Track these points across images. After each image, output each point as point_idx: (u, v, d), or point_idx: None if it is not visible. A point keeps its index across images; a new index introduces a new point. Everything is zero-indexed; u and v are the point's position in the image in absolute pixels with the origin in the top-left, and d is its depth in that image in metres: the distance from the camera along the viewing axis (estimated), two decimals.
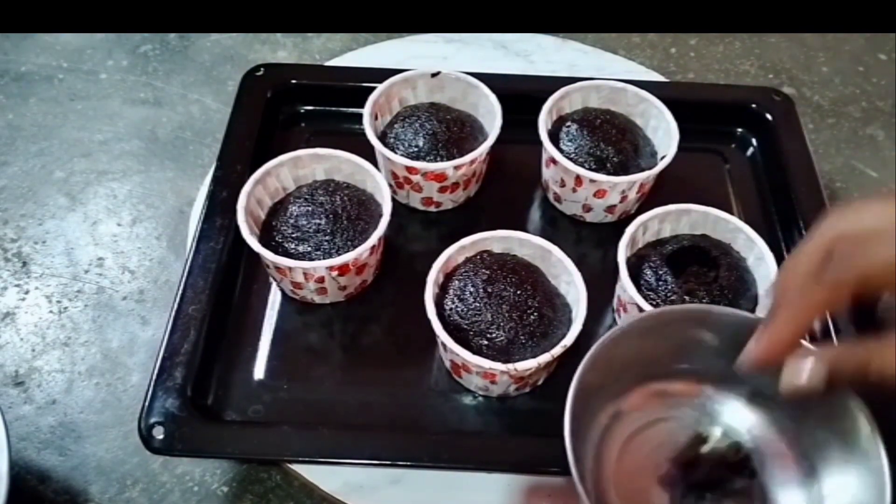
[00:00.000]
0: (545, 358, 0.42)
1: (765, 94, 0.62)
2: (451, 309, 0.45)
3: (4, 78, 0.69)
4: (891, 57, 0.74)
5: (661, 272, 0.48)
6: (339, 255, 0.48)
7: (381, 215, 0.49)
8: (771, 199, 0.58)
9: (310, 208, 0.50)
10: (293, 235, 0.49)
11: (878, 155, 0.66)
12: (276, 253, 0.48)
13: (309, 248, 0.49)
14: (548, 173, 0.57)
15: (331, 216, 0.50)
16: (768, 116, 0.61)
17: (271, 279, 0.52)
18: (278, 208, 0.52)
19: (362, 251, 0.47)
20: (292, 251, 0.49)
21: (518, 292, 0.45)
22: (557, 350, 0.43)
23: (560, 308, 0.46)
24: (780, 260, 0.49)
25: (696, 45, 0.74)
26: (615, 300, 0.51)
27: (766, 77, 0.72)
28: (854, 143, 0.67)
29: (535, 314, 0.45)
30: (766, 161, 0.60)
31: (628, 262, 0.48)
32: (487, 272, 0.46)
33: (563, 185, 0.55)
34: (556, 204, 0.57)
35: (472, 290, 0.46)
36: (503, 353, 0.44)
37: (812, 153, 0.58)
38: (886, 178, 0.65)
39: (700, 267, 0.48)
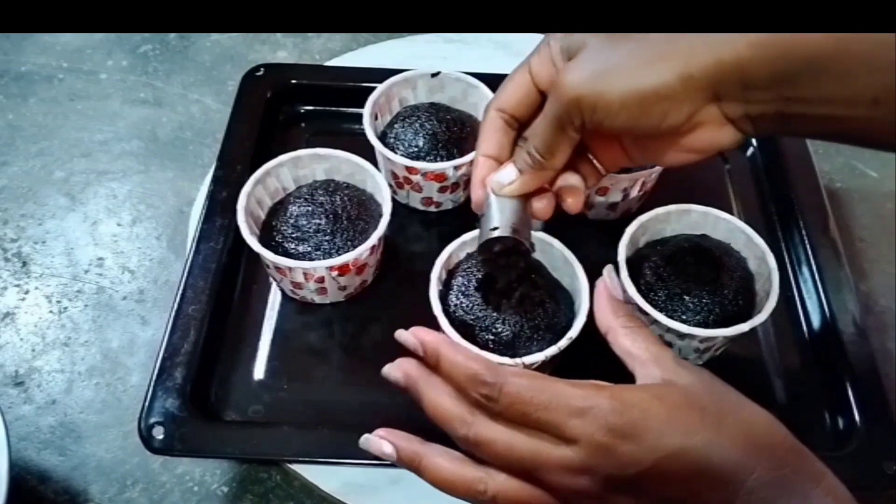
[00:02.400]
0: (552, 351, 0.43)
1: None
2: (455, 305, 0.46)
3: (4, 78, 0.69)
4: None
5: (661, 272, 0.48)
6: (339, 255, 0.48)
7: (381, 215, 0.49)
8: (771, 199, 0.58)
9: (310, 208, 0.50)
10: (293, 235, 0.49)
11: (878, 155, 0.66)
12: (276, 253, 0.48)
13: (309, 248, 0.49)
14: None
15: (331, 216, 0.50)
16: None
17: (271, 279, 0.52)
18: (278, 208, 0.52)
19: (362, 251, 0.47)
20: (292, 251, 0.49)
21: (521, 286, 0.46)
22: (564, 342, 0.43)
23: (563, 300, 0.47)
24: (780, 260, 0.49)
25: None
26: None
27: None
28: None
29: (539, 307, 0.45)
30: (766, 161, 0.60)
31: (628, 261, 0.48)
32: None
33: None
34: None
35: (475, 285, 0.46)
36: (509, 348, 0.44)
37: (812, 153, 0.58)
38: (886, 177, 0.65)
39: (700, 267, 0.48)
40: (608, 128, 0.37)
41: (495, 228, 0.40)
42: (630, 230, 0.49)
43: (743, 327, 0.45)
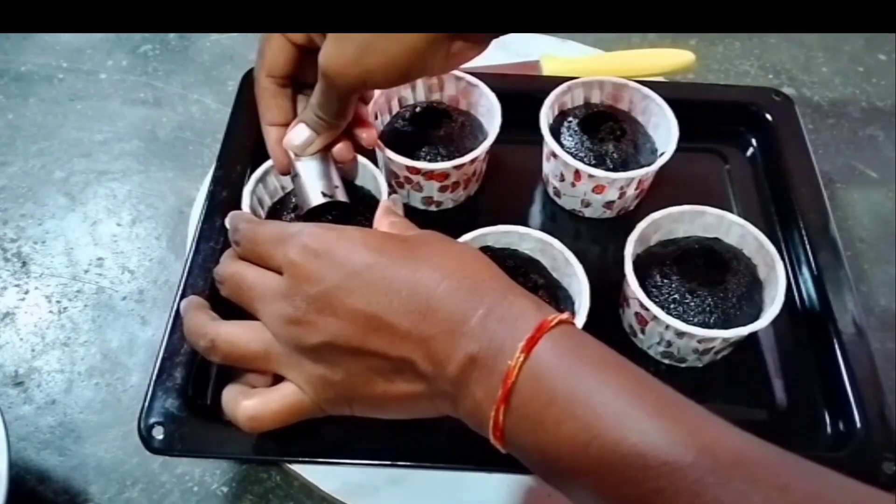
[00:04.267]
0: None
1: (765, 94, 0.62)
2: None
3: (4, 78, 0.69)
4: (891, 57, 0.74)
5: (667, 271, 0.48)
6: None
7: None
8: (771, 199, 0.58)
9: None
10: None
11: (878, 155, 0.66)
12: None
13: None
14: (548, 167, 0.57)
15: (334, 214, 0.49)
16: (768, 116, 0.61)
17: None
18: (279, 208, 0.51)
19: None
20: None
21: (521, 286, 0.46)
22: None
23: (563, 301, 0.47)
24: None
25: (696, 45, 0.74)
26: (621, 294, 0.51)
27: (766, 77, 0.72)
28: (854, 143, 0.67)
29: None
30: (766, 161, 0.60)
31: (637, 258, 0.49)
32: None
33: (562, 179, 0.55)
34: (556, 199, 0.58)
35: None
36: None
37: (812, 153, 0.58)
38: (886, 178, 0.65)
39: (708, 269, 0.48)
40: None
41: (318, 194, 0.46)
42: (641, 226, 0.49)
43: (742, 331, 0.45)
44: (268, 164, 0.51)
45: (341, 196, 0.47)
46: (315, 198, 0.46)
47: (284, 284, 0.35)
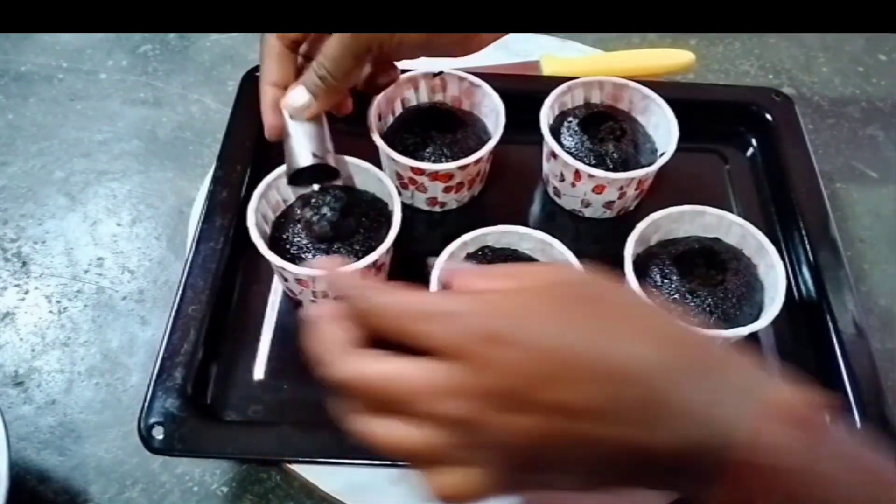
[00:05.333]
0: None
1: (765, 94, 0.62)
2: None
3: (4, 78, 0.69)
4: (891, 57, 0.74)
5: (666, 271, 0.48)
6: (360, 258, 0.47)
7: (389, 214, 0.49)
8: (771, 200, 0.58)
9: (319, 216, 0.49)
10: (308, 245, 0.49)
11: (878, 155, 0.66)
12: (295, 265, 0.47)
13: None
14: (548, 167, 0.57)
15: (343, 221, 0.49)
16: (768, 116, 0.61)
17: (287, 290, 0.52)
18: (283, 221, 0.51)
19: (382, 252, 0.47)
20: (311, 262, 0.48)
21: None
22: None
23: None
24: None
25: (696, 46, 0.74)
26: None
27: (766, 77, 0.72)
28: (854, 143, 0.67)
29: None
30: (766, 161, 0.60)
31: (637, 258, 0.48)
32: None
33: (562, 179, 0.55)
34: (556, 198, 0.58)
35: None
36: None
37: (812, 153, 0.58)
38: (886, 178, 0.65)
39: (708, 269, 0.48)
40: (405, 55, 0.44)
41: (307, 155, 0.44)
42: (641, 227, 0.49)
43: (742, 331, 0.45)
44: (268, 179, 0.50)
45: (332, 161, 0.46)
46: (304, 158, 0.44)
47: (443, 376, 0.27)
